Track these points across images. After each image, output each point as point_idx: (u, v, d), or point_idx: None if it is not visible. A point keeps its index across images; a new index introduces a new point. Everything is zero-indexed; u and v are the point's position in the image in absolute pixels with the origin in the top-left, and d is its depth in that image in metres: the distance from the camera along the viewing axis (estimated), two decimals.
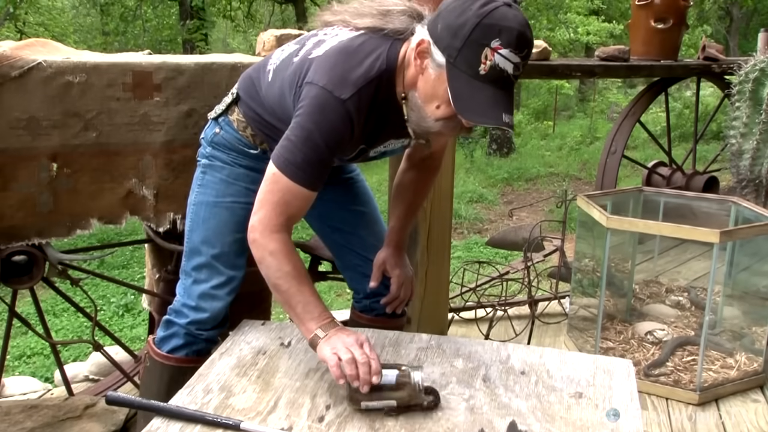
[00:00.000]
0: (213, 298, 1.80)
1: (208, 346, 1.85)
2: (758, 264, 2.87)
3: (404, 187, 1.89)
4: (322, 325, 1.45)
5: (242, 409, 1.37)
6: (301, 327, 1.49)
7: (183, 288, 1.84)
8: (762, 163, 3.08)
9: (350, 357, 1.36)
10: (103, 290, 5.78)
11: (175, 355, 1.83)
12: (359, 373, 1.34)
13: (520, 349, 1.65)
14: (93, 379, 2.97)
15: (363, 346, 1.39)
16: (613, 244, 2.84)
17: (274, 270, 1.48)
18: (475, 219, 8.02)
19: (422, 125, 1.50)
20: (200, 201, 1.82)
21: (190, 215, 1.83)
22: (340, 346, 1.39)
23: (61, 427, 2.22)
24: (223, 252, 1.79)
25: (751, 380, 2.75)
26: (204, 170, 1.82)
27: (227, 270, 1.81)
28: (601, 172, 4.30)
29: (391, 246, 1.85)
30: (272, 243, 1.48)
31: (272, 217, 1.49)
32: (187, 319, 1.81)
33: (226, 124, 1.78)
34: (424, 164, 1.88)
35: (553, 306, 3.45)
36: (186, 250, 1.84)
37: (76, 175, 2.09)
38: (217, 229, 1.79)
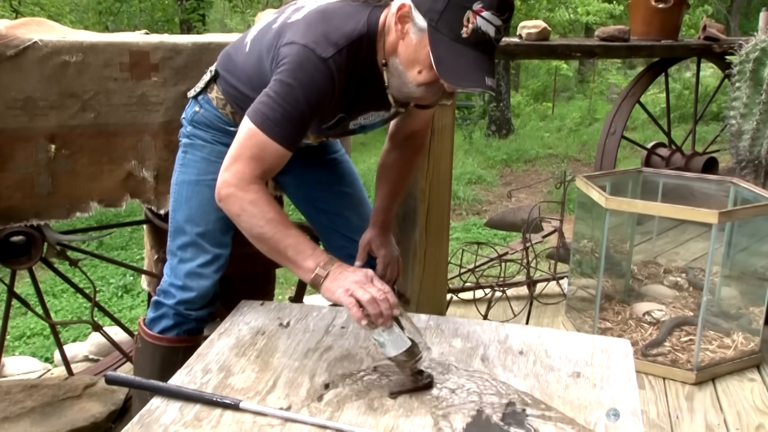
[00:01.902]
0: (200, 276, 1.80)
1: (199, 325, 1.85)
2: (757, 244, 2.87)
3: (388, 168, 1.87)
4: (321, 264, 1.42)
5: (241, 389, 1.38)
6: (297, 270, 1.45)
7: (170, 268, 1.84)
8: (761, 143, 3.07)
9: (370, 297, 1.33)
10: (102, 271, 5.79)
11: (166, 336, 1.83)
12: (381, 311, 1.33)
13: (519, 329, 1.65)
14: (92, 359, 2.98)
15: (374, 282, 1.37)
16: (612, 224, 2.84)
17: (258, 219, 1.44)
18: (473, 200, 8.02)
19: (404, 91, 1.50)
20: (182, 180, 1.81)
21: (173, 195, 1.83)
22: (353, 286, 1.35)
23: (61, 407, 2.23)
24: (208, 230, 1.79)
25: (748, 360, 2.76)
26: (185, 150, 1.82)
27: (213, 248, 1.80)
28: (600, 153, 4.29)
29: (377, 226, 1.83)
30: (250, 193, 1.44)
31: (246, 171, 1.45)
32: (174, 300, 1.81)
33: (206, 102, 1.78)
34: (407, 144, 1.86)
35: (552, 287, 3.46)
36: (171, 229, 1.84)
37: (75, 156, 2.08)
38: (200, 208, 1.78)
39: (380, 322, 1.33)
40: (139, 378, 1.47)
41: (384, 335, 1.35)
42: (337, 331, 1.62)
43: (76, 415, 2.21)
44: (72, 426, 2.17)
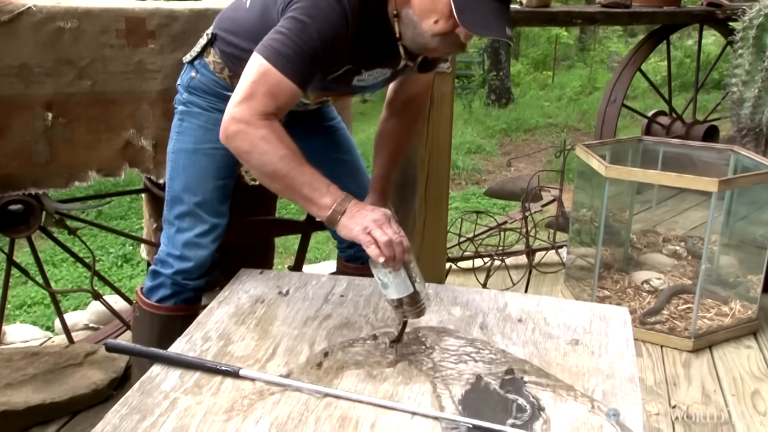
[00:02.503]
0: (197, 246, 1.79)
1: (197, 294, 1.85)
2: (756, 213, 2.87)
3: (386, 135, 1.85)
4: (338, 200, 1.39)
5: (241, 357, 1.38)
6: (312, 208, 1.41)
7: (167, 237, 1.83)
8: (763, 111, 3.05)
9: (387, 239, 1.31)
10: (102, 241, 5.79)
11: (164, 305, 1.83)
12: (396, 254, 1.32)
13: (518, 297, 1.66)
14: (93, 327, 2.99)
15: (392, 223, 1.36)
16: (612, 194, 2.84)
17: (270, 156, 1.38)
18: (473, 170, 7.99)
19: (418, 42, 1.48)
20: (179, 148, 1.79)
21: (170, 163, 1.81)
22: (372, 225, 1.34)
23: (62, 374, 2.24)
24: (206, 199, 1.77)
25: (745, 327, 2.78)
26: (181, 117, 1.79)
27: (210, 218, 1.79)
28: (601, 121, 4.27)
29: (376, 193, 1.83)
30: (261, 129, 1.39)
31: (258, 107, 1.40)
32: (172, 269, 1.80)
33: (202, 67, 1.75)
34: (405, 110, 1.84)
35: (551, 256, 3.46)
36: (167, 198, 1.82)
37: (72, 124, 2.07)
38: (198, 177, 1.77)
39: (392, 264, 1.33)
40: (139, 346, 1.47)
41: (390, 276, 1.34)
42: (337, 300, 1.63)
43: (78, 382, 2.23)
44: (73, 393, 2.18)
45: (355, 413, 1.20)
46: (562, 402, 1.25)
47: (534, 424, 1.18)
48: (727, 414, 2.27)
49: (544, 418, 1.20)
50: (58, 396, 2.16)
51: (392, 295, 1.36)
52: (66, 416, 2.18)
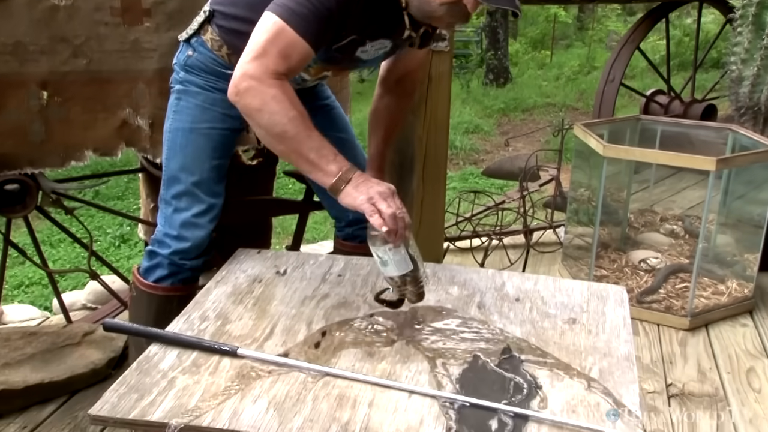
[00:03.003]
0: (195, 226, 1.79)
1: (194, 274, 1.85)
2: (753, 192, 2.87)
3: (380, 113, 1.86)
4: (344, 169, 1.38)
5: (239, 336, 1.39)
6: (316, 174, 1.40)
7: (164, 217, 1.82)
8: (762, 89, 3.04)
9: (392, 212, 1.32)
10: (99, 221, 5.78)
11: (161, 285, 1.83)
12: (397, 228, 1.32)
13: (515, 276, 1.66)
14: (90, 307, 2.99)
15: (395, 198, 1.36)
16: (609, 173, 2.83)
17: (280, 116, 1.37)
18: (471, 150, 7.98)
19: (425, 9, 1.47)
20: (176, 128, 1.78)
21: (167, 143, 1.80)
22: (376, 196, 1.34)
23: (60, 354, 2.25)
24: (203, 179, 1.77)
25: (741, 305, 2.79)
26: (179, 96, 1.78)
27: (207, 197, 1.79)
28: (599, 100, 4.25)
29: (373, 171, 1.83)
30: (273, 88, 1.37)
31: (270, 65, 1.38)
32: (169, 249, 1.80)
33: (200, 45, 1.73)
34: (399, 88, 1.84)
35: (548, 235, 3.47)
36: (164, 178, 1.81)
37: (68, 104, 2.06)
38: (195, 156, 1.76)
39: (392, 239, 1.33)
40: (137, 325, 1.48)
41: (389, 254, 1.35)
42: (334, 279, 1.63)
43: (76, 361, 2.23)
44: (72, 372, 2.19)
45: (353, 392, 1.21)
46: (559, 380, 1.26)
47: (531, 403, 1.19)
48: (722, 391, 2.29)
49: (541, 396, 1.21)
50: (57, 375, 2.17)
51: (392, 272, 1.36)
52: (64, 395, 2.19)
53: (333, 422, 1.13)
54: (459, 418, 1.14)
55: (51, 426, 2.07)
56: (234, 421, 1.13)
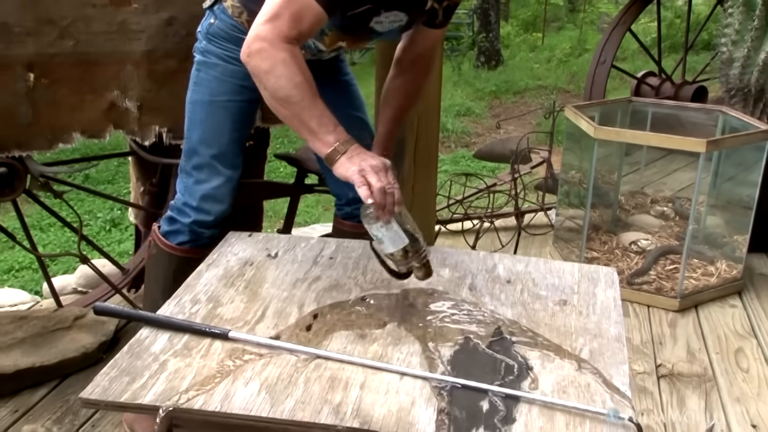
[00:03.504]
0: (215, 199, 1.82)
1: (212, 241, 1.87)
2: (743, 174, 2.88)
3: (393, 92, 1.85)
4: (341, 140, 1.39)
5: (230, 319, 1.38)
6: (315, 142, 1.42)
7: (184, 186, 1.85)
8: (752, 71, 3.04)
9: (381, 186, 1.32)
10: (90, 205, 5.74)
11: (182, 247, 1.88)
12: (386, 203, 1.33)
13: (506, 258, 1.66)
14: (81, 291, 2.98)
15: (389, 173, 1.36)
16: (600, 155, 2.83)
17: (286, 80, 1.38)
18: (462, 132, 7.96)
19: None
20: (195, 100, 1.80)
21: (187, 114, 1.83)
22: (368, 169, 1.35)
23: (51, 338, 2.24)
24: (221, 152, 1.80)
25: (730, 287, 2.81)
26: (198, 68, 1.80)
27: (226, 170, 1.82)
28: (590, 82, 4.25)
29: (380, 150, 1.83)
30: (283, 52, 1.38)
31: (284, 28, 1.39)
32: (189, 219, 1.84)
33: (221, 12, 1.74)
34: (413, 68, 1.84)
35: (540, 217, 3.47)
36: (185, 148, 1.84)
37: (55, 86, 2.04)
38: (214, 129, 1.78)
39: (379, 214, 1.33)
40: (127, 309, 1.47)
41: (383, 230, 1.35)
42: (326, 262, 1.63)
43: (67, 345, 2.23)
44: (63, 356, 2.19)
45: (345, 374, 1.21)
46: (549, 361, 1.26)
47: (522, 384, 1.19)
48: (711, 371, 2.31)
49: (531, 377, 1.21)
50: (48, 359, 2.16)
51: (388, 249, 1.37)
52: (56, 379, 2.19)
53: (325, 404, 1.13)
54: (450, 399, 1.15)
55: (43, 410, 2.07)
56: (226, 403, 1.13)
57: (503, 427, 1.08)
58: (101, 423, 2.01)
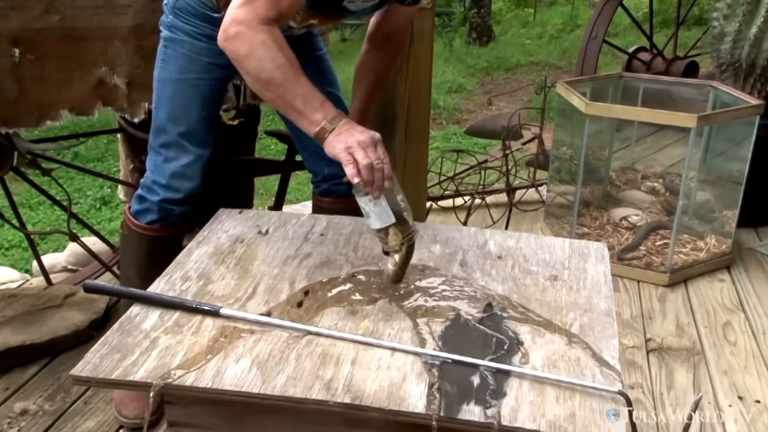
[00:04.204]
0: (184, 177, 1.80)
1: (183, 218, 1.88)
2: (733, 149, 2.89)
3: (366, 68, 1.84)
4: (329, 118, 1.37)
5: (221, 296, 1.38)
6: (302, 122, 1.39)
7: (153, 164, 1.83)
8: (743, 45, 3.03)
9: (368, 162, 1.30)
10: (79, 183, 5.71)
11: (152, 226, 1.86)
12: (374, 179, 1.31)
13: (497, 234, 1.66)
14: (71, 269, 2.97)
15: (377, 148, 1.34)
16: (591, 131, 2.83)
17: (268, 62, 1.36)
18: (454, 109, 7.93)
19: None
20: (164, 77, 1.77)
21: (155, 91, 1.79)
22: (355, 145, 1.32)
23: (42, 316, 2.24)
24: (190, 130, 1.77)
25: (719, 261, 2.83)
26: (166, 44, 1.76)
27: (195, 148, 1.79)
28: (582, 58, 4.23)
29: None
30: (262, 34, 1.35)
31: (261, 10, 1.37)
32: (159, 197, 1.82)
33: None
34: (386, 44, 1.82)
35: (531, 194, 3.48)
36: (153, 126, 1.82)
37: (41, 61, 2.01)
38: (182, 107, 1.76)
39: (368, 190, 1.32)
40: (117, 286, 1.47)
41: (371, 205, 1.34)
42: (317, 239, 1.62)
43: (57, 323, 2.22)
44: (54, 334, 2.18)
45: (336, 350, 1.21)
46: (540, 336, 1.27)
47: (512, 358, 1.20)
48: (699, 345, 2.33)
49: (522, 352, 1.22)
50: (38, 337, 2.16)
51: (374, 224, 1.36)
52: (47, 357, 2.19)
53: (316, 380, 1.14)
54: (441, 374, 1.15)
55: (34, 387, 2.07)
56: (217, 380, 1.14)
57: (494, 401, 1.09)
58: (93, 400, 2.02)
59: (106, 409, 1.98)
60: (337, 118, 1.38)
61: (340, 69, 5.62)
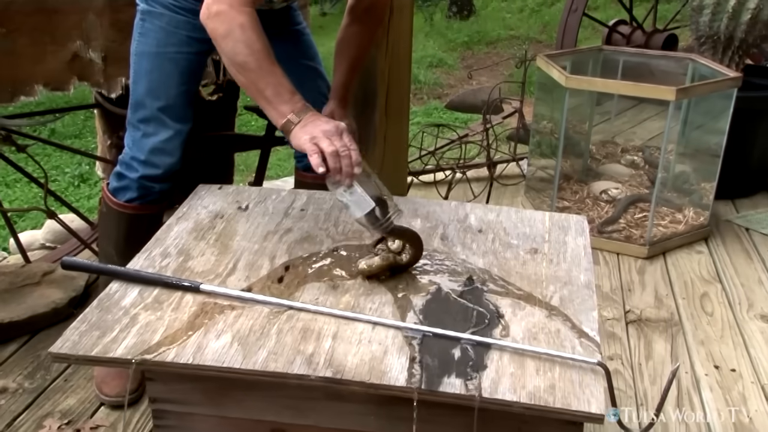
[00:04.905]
0: (163, 152, 1.78)
1: (163, 195, 1.86)
2: (711, 122, 2.91)
3: (347, 42, 1.83)
4: (296, 110, 1.38)
5: (201, 272, 1.37)
6: (271, 112, 1.40)
7: (131, 140, 1.81)
8: (721, 18, 3.04)
9: (333, 150, 1.30)
10: (57, 161, 5.63)
11: (131, 204, 1.84)
12: (341, 166, 1.31)
13: (478, 208, 1.67)
14: (49, 246, 2.94)
15: (343, 136, 1.34)
16: (571, 105, 2.83)
17: (243, 45, 1.36)
18: (434, 84, 7.90)
19: None
20: (141, 51, 1.74)
21: (133, 65, 1.77)
22: (319, 135, 1.33)
23: (20, 293, 2.22)
24: (169, 104, 1.75)
25: (697, 233, 2.86)
26: (143, 17, 1.74)
27: (174, 123, 1.77)
28: (561, 31, 4.23)
29: (336, 101, 1.81)
30: (243, 16, 1.36)
31: None
32: (138, 174, 1.80)
33: None
34: (367, 16, 1.81)
35: (512, 168, 3.48)
36: (131, 101, 1.79)
37: (13, 35, 1.98)
38: (160, 81, 1.74)
39: (338, 178, 1.31)
40: (96, 263, 1.46)
41: (346, 195, 1.33)
42: (297, 214, 1.62)
43: (36, 301, 2.20)
44: (33, 312, 2.17)
45: (317, 325, 1.21)
46: (520, 309, 1.28)
47: (493, 331, 1.21)
48: (678, 316, 2.36)
49: (503, 324, 1.23)
50: (17, 315, 2.14)
51: (356, 214, 1.34)
52: (26, 335, 2.17)
53: (297, 355, 1.14)
54: (422, 348, 1.16)
55: (14, 365, 2.06)
56: (198, 355, 1.13)
57: (474, 373, 1.10)
58: (74, 377, 2.01)
59: (87, 386, 1.97)
60: (304, 110, 1.38)
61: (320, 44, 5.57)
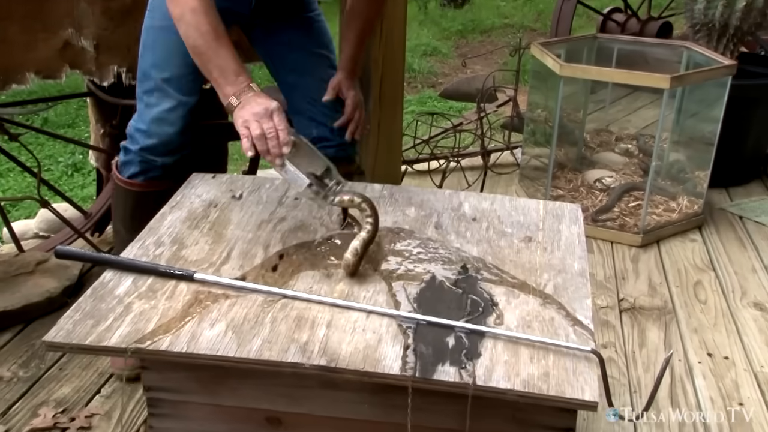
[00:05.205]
0: (163, 122, 1.78)
1: (165, 172, 1.86)
2: (706, 110, 2.91)
3: (355, 13, 1.86)
4: (237, 92, 1.42)
5: (195, 261, 1.37)
6: (219, 92, 1.45)
7: (138, 113, 1.84)
8: (716, 6, 3.04)
9: (260, 132, 1.35)
10: (50, 150, 5.60)
11: (135, 181, 1.86)
12: (269, 148, 1.35)
13: (472, 196, 1.67)
14: (43, 236, 2.93)
15: (273, 117, 1.37)
16: (566, 94, 2.83)
17: (193, 28, 1.42)
18: (429, 73, 7.87)
19: None
20: (149, 26, 1.78)
21: (142, 39, 1.80)
22: (249, 118, 1.37)
23: (14, 283, 2.21)
24: (173, 75, 1.76)
25: (691, 221, 2.86)
26: None
27: (178, 94, 1.78)
28: (556, 19, 4.22)
29: (344, 72, 1.85)
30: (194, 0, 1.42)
31: None
32: (138, 145, 1.82)
33: None
34: None
35: (506, 156, 3.48)
36: (138, 74, 1.82)
37: (4, 23, 1.96)
38: (165, 52, 1.75)
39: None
40: (89, 252, 1.45)
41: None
42: (291, 203, 1.61)
43: (30, 290, 2.20)
44: (27, 301, 2.16)
45: (312, 313, 1.22)
46: (514, 297, 1.28)
47: (487, 319, 1.21)
48: (671, 304, 2.37)
49: (497, 313, 1.23)
50: (11, 304, 2.13)
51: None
52: (20, 324, 2.17)
53: (292, 343, 1.14)
54: (416, 336, 1.16)
55: (8, 354, 2.05)
56: (192, 344, 1.13)
57: (469, 361, 1.10)
58: (68, 366, 2.01)
59: (81, 375, 1.97)
60: (245, 91, 1.41)
61: None
